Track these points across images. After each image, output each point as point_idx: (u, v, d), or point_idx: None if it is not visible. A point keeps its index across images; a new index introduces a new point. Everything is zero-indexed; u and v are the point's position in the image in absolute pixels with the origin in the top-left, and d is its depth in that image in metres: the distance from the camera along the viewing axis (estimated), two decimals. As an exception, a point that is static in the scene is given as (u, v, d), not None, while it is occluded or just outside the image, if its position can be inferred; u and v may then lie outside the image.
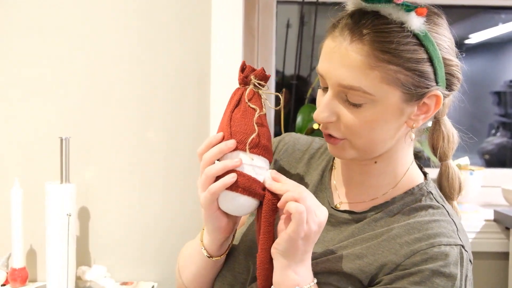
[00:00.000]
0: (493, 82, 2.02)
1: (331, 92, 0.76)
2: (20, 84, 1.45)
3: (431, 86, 0.74)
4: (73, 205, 1.33)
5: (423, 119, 0.77)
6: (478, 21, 1.96)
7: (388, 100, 0.73)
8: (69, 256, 1.31)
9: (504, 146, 1.97)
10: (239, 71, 0.81)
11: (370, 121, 0.74)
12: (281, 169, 0.95)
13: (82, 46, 1.44)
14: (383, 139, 0.77)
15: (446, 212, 0.80)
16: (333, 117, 0.76)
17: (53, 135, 1.40)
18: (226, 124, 0.77)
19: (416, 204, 0.81)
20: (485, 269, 1.50)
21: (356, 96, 0.73)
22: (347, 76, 0.72)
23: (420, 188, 0.83)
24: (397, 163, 0.83)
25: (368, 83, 0.72)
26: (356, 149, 0.78)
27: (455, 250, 0.74)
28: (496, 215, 1.48)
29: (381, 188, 0.84)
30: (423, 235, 0.75)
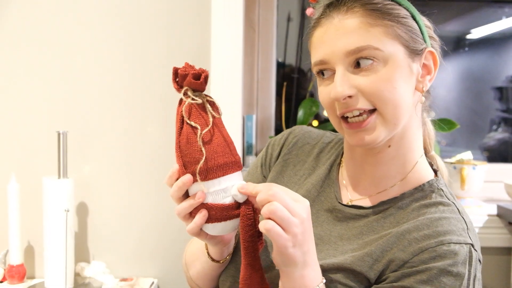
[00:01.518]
0: (494, 77, 2.00)
1: (340, 67, 0.75)
2: (17, 78, 1.43)
3: (423, 43, 0.78)
4: (71, 200, 1.32)
5: (429, 81, 0.79)
6: (480, 15, 1.95)
7: (396, 54, 0.74)
8: (68, 252, 1.29)
9: (505, 141, 1.96)
10: (172, 80, 0.73)
11: (389, 79, 0.74)
12: (289, 163, 0.94)
13: (80, 40, 1.43)
14: (406, 102, 0.76)
15: (456, 210, 0.78)
16: (353, 89, 0.74)
17: (50, 129, 1.39)
18: (177, 156, 0.71)
19: (426, 201, 0.79)
20: (488, 264, 1.49)
21: (366, 57, 0.73)
22: (352, 41, 0.73)
23: (431, 185, 0.81)
24: (408, 148, 0.81)
25: (374, 38, 0.73)
26: (387, 121, 0.75)
27: (464, 249, 0.72)
28: (499, 210, 1.47)
29: (390, 179, 0.82)
30: (433, 232, 0.73)
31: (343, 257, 0.77)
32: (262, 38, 1.74)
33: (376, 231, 0.78)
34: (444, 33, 2.02)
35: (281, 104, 1.70)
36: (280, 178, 0.94)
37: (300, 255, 0.68)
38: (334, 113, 0.78)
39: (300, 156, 0.94)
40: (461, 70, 2.06)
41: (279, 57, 1.79)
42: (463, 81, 2.07)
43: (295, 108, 1.72)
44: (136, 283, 1.38)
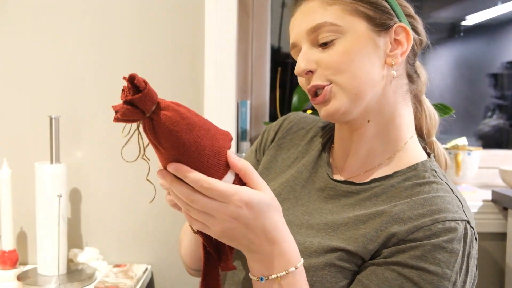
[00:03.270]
0: (489, 64, 1.99)
1: (305, 46, 0.79)
2: (8, 61, 1.41)
3: (393, 18, 0.78)
4: (63, 186, 1.30)
5: (400, 55, 0.79)
6: (475, 1, 1.94)
7: (356, 29, 0.76)
8: (60, 238, 1.28)
9: (500, 128, 1.96)
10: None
11: (347, 52, 0.75)
12: (283, 147, 0.96)
13: (74, 25, 1.41)
14: (368, 74, 0.77)
15: (449, 189, 0.78)
16: (312, 64, 0.78)
17: (42, 114, 1.37)
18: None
19: (419, 180, 0.78)
20: (483, 250, 1.49)
21: (325, 34, 0.76)
22: (311, 19, 0.77)
23: (424, 165, 0.81)
24: (390, 124, 0.81)
25: (331, 15, 0.76)
26: (344, 91, 0.76)
27: (460, 226, 0.72)
28: (494, 195, 1.47)
29: (375, 156, 0.82)
30: (427, 211, 0.73)
31: (336, 237, 0.76)
32: (256, 24, 1.72)
33: (369, 211, 0.78)
34: (439, 19, 2.01)
35: (276, 90, 1.69)
36: (273, 161, 0.95)
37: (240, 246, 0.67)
38: (306, 90, 0.81)
39: (294, 141, 0.95)
40: (456, 57, 2.05)
41: (273, 43, 1.78)
42: (458, 67, 2.06)
43: (290, 94, 1.71)
44: (130, 269, 1.37)
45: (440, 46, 2.13)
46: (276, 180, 0.92)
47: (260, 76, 1.74)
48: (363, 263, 0.75)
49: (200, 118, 0.63)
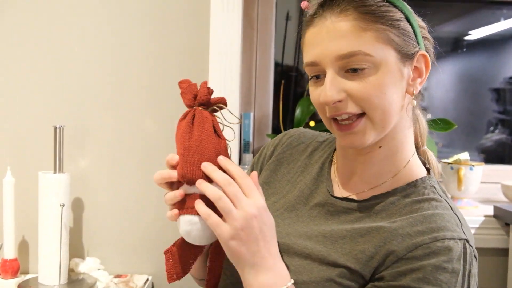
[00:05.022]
0: (492, 79, 2.00)
1: (331, 70, 0.75)
2: (14, 72, 1.42)
3: (416, 46, 0.77)
4: (66, 195, 1.31)
5: (420, 84, 0.79)
6: (478, 16, 1.95)
7: (387, 60, 0.74)
8: (62, 247, 1.29)
9: (503, 143, 1.96)
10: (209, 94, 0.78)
11: (379, 85, 0.74)
12: (283, 162, 0.95)
13: (76, 34, 1.42)
14: (395, 106, 0.76)
15: (449, 206, 0.78)
16: (342, 93, 0.74)
17: (47, 124, 1.38)
18: (190, 152, 0.75)
19: (418, 197, 0.78)
20: (484, 265, 1.49)
21: (357, 63, 0.73)
22: (343, 45, 0.73)
23: (423, 181, 0.81)
24: (399, 147, 0.81)
25: (365, 44, 0.73)
26: (375, 126, 0.75)
27: (458, 245, 0.71)
28: (496, 211, 1.46)
29: (382, 176, 0.82)
30: (426, 228, 0.73)
31: (334, 250, 0.76)
32: (260, 36, 1.73)
33: (369, 227, 0.77)
34: (442, 34, 2.02)
35: (279, 102, 1.69)
36: (273, 176, 0.94)
37: (247, 253, 0.69)
38: (325, 114, 0.78)
39: (294, 155, 0.95)
40: (458, 71, 2.06)
41: (277, 56, 1.79)
42: (461, 82, 2.07)
43: (293, 107, 1.72)
44: (131, 280, 1.37)
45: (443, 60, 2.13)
46: (276, 195, 0.91)
47: (264, 88, 1.75)
48: (363, 281, 0.74)
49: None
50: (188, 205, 0.73)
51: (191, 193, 0.73)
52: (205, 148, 0.73)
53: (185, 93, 0.78)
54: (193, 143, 0.73)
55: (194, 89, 0.77)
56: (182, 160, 0.73)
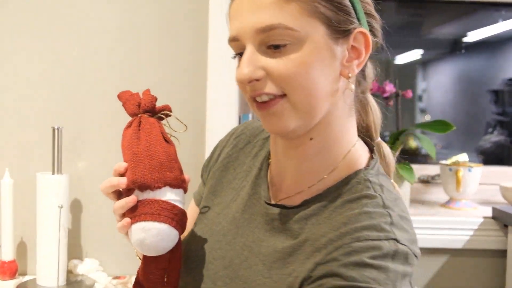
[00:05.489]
0: (490, 80, 2.01)
1: (250, 46, 0.66)
2: (11, 72, 1.42)
3: (354, 22, 0.68)
4: (65, 196, 1.31)
5: (357, 66, 0.69)
6: (477, 18, 1.95)
7: (314, 35, 0.65)
8: (61, 249, 1.28)
9: (501, 144, 1.96)
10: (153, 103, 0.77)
11: (302, 63, 0.64)
12: (230, 167, 0.86)
13: (75, 36, 1.42)
14: (322, 89, 0.66)
15: (381, 203, 0.67)
16: (259, 71, 0.65)
17: (45, 125, 1.38)
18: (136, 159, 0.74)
19: (350, 196, 0.68)
20: (482, 267, 1.49)
21: (278, 37, 0.64)
22: (263, 17, 0.64)
23: (357, 175, 0.70)
24: (335, 140, 0.71)
25: (288, 16, 0.64)
26: (296, 109, 0.66)
27: (386, 244, 0.62)
28: (495, 212, 1.47)
29: (317, 175, 0.72)
30: (349, 229, 0.64)
31: (270, 279, 0.69)
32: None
33: (298, 236, 0.69)
34: (440, 35, 2.03)
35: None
36: (219, 184, 0.85)
37: None
38: (247, 95, 0.69)
39: (241, 158, 0.85)
40: (457, 73, 2.07)
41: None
42: (459, 83, 2.07)
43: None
44: (129, 281, 1.37)
45: (441, 62, 2.14)
46: (221, 205, 0.82)
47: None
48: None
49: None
50: (141, 211, 0.69)
51: (143, 199, 0.70)
52: (155, 152, 0.71)
53: (127, 102, 0.76)
54: (142, 147, 0.71)
55: (136, 97, 0.76)
56: (132, 165, 0.70)
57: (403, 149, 1.60)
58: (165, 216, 0.69)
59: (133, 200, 0.70)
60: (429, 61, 2.09)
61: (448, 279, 1.48)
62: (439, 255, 1.48)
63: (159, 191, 0.70)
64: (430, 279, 1.48)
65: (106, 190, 0.73)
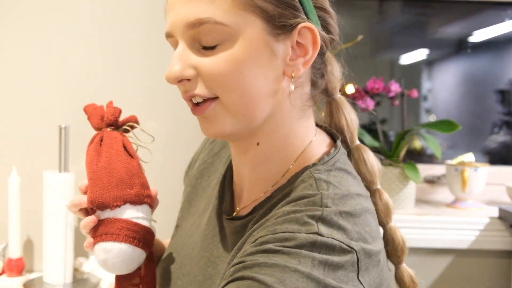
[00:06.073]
0: (496, 80, 2.00)
1: (182, 42, 0.61)
2: (19, 71, 1.42)
3: (300, 16, 0.61)
4: (71, 195, 1.31)
5: (303, 64, 0.62)
6: (483, 17, 1.95)
7: (248, 31, 0.59)
8: (67, 247, 1.29)
9: (507, 144, 1.96)
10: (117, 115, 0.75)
11: (235, 61, 0.58)
12: (204, 174, 0.82)
13: (82, 35, 1.42)
14: (259, 90, 0.60)
15: (318, 201, 0.59)
16: (189, 70, 0.60)
17: (52, 123, 1.38)
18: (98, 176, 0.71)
19: (291, 197, 0.62)
20: (488, 267, 1.48)
21: (209, 34, 0.58)
22: (192, 11, 0.58)
23: (302, 173, 0.64)
24: (285, 143, 0.65)
25: (218, 10, 0.58)
26: (229, 111, 0.61)
27: (302, 235, 0.55)
28: (501, 212, 1.46)
29: (272, 179, 0.66)
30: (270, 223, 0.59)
31: None
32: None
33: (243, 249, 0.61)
34: (446, 35, 2.02)
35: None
36: (194, 192, 0.82)
37: None
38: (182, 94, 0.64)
39: (215, 164, 0.81)
40: (463, 73, 2.06)
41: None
42: (465, 83, 2.06)
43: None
44: (135, 279, 1.38)
45: (447, 61, 2.13)
46: (194, 216, 0.79)
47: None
48: None
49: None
50: (101, 231, 0.67)
51: (103, 218, 0.67)
52: (114, 169, 0.68)
53: (91, 116, 0.74)
54: (101, 165, 0.69)
55: (100, 111, 0.74)
56: (91, 184, 0.68)
57: (408, 149, 1.59)
58: (125, 235, 0.66)
59: (93, 220, 0.67)
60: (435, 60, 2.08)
61: (453, 280, 1.48)
62: (444, 256, 1.47)
63: (119, 210, 0.67)
64: (435, 280, 1.48)
65: (71, 210, 0.70)
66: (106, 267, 0.68)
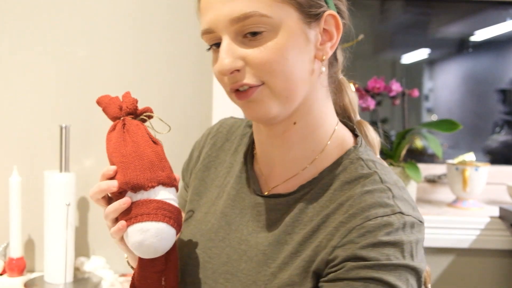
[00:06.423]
0: (498, 79, 2.00)
1: (226, 37, 0.67)
2: (19, 71, 1.43)
3: (323, 5, 0.70)
4: (72, 194, 1.31)
5: (330, 48, 0.71)
6: (484, 17, 1.94)
7: (287, 21, 0.67)
8: (68, 246, 1.29)
9: (509, 144, 1.95)
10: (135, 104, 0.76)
11: (279, 49, 0.66)
12: (211, 166, 0.86)
13: (83, 34, 1.43)
14: (300, 73, 0.68)
15: (378, 179, 0.69)
16: (239, 61, 0.67)
17: (53, 123, 1.39)
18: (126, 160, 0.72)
19: (346, 177, 0.71)
20: (489, 267, 1.48)
21: (253, 26, 0.65)
22: (236, 7, 0.65)
23: (348, 156, 0.73)
24: (318, 122, 0.73)
25: (261, 4, 0.65)
26: (276, 94, 0.68)
27: (393, 218, 0.65)
28: (502, 212, 1.46)
29: (305, 159, 0.74)
30: (357, 210, 0.66)
31: (279, 272, 0.69)
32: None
33: (302, 222, 0.70)
34: (448, 34, 2.02)
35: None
36: (203, 185, 0.86)
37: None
38: (226, 87, 0.70)
39: (221, 157, 0.86)
40: (464, 72, 2.06)
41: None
42: (467, 83, 2.06)
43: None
44: (136, 279, 1.38)
45: (448, 61, 2.13)
46: (207, 205, 0.83)
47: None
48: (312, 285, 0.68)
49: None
50: (136, 212, 0.67)
51: (136, 200, 0.68)
52: (144, 153, 0.70)
53: (108, 106, 0.75)
54: (130, 149, 0.70)
55: (117, 101, 0.75)
56: (123, 167, 0.69)
57: (409, 148, 1.59)
58: (162, 215, 0.68)
59: (127, 201, 0.68)
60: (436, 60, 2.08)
61: (454, 279, 1.48)
62: (445, 255, 1.47)
63: (153, 191, 0.69)
64: (436, 279, 1.48)
65: (96, 196, 0.71)
66: (141, 248, 0.68)
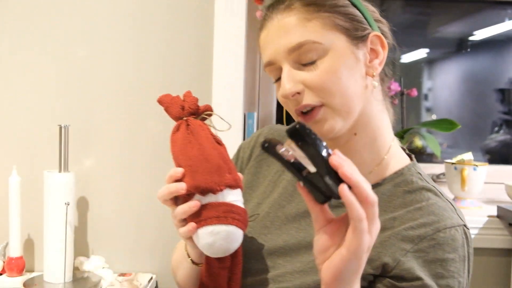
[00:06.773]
0: (497, 79, 2.00)
1: (286, 65, 0.76)
2: (19, 71, 1.43)
3: (367, 28, 0.78)
4: (71, 194, 1.32)
5: (379, 64, 0.79)
6: (483, 17, 1.94)
7: (337, 44, 0.75)
8: (67, 246, 1.30)
9: (507, 143, 1.96)
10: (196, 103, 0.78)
11: (333, 70, 0.74)
12: (263, 164, 0.94)
13: (83, 34, 1.43)
14: (354, 89, 0.76)
15: (439, 193, 0.80)
16: (299, 85, 0.75)
17: (52, 123, 1.39)
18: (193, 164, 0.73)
19: (408, 186, 0.80)
20: (487, 266, 1.49)
21: (308, 53, 0.74)
22: (291, 38, 0.74)
23: (409, 169, 0.82)
24: (376, 133, 0.81)
25: (312, 33, 0.74)
26: (337, 112, 0.75)
27: (459, 232, 0.75)
28: (500, 211, 1.46)
29: (365, 166, 0.81)
30: (427, 220, 0.75)
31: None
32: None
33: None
34: (447, 34, 2.02)
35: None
36: (255, 179, 0.94)
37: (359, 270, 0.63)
38: (292, 111, 0.78)
39: (270, 159, 0.90)
40: (463, 72, 2.06)
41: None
42: (465, 82, 2.06)
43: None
44: (135, 278, 1.38)
45: (447, 60, 2.13)
46: (259, 197, 0.91)
47: (267, 88, 1.75)
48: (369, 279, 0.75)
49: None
50: (206, 215, 0.70)
51: (205, 203, 0.70)
52: (210, 155, 0.71)
53: (170, 106, 0.76)
54: (196, 152, 0.71)
55: (179, 100, 0.77)
56: (191, 171, 0.71)
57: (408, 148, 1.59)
58: (232, 218, 0.70)
59: (196, 205, 0.71)
60: (435, 60, 2.08)
61: (452, 278, 1.48)
62: (443, 254, 1.48)
63: (221, 194, 0.71)
64: (434, 278, 1.48)
65: (164, 198, 0.74)
66: (211, 249, 0.71)
